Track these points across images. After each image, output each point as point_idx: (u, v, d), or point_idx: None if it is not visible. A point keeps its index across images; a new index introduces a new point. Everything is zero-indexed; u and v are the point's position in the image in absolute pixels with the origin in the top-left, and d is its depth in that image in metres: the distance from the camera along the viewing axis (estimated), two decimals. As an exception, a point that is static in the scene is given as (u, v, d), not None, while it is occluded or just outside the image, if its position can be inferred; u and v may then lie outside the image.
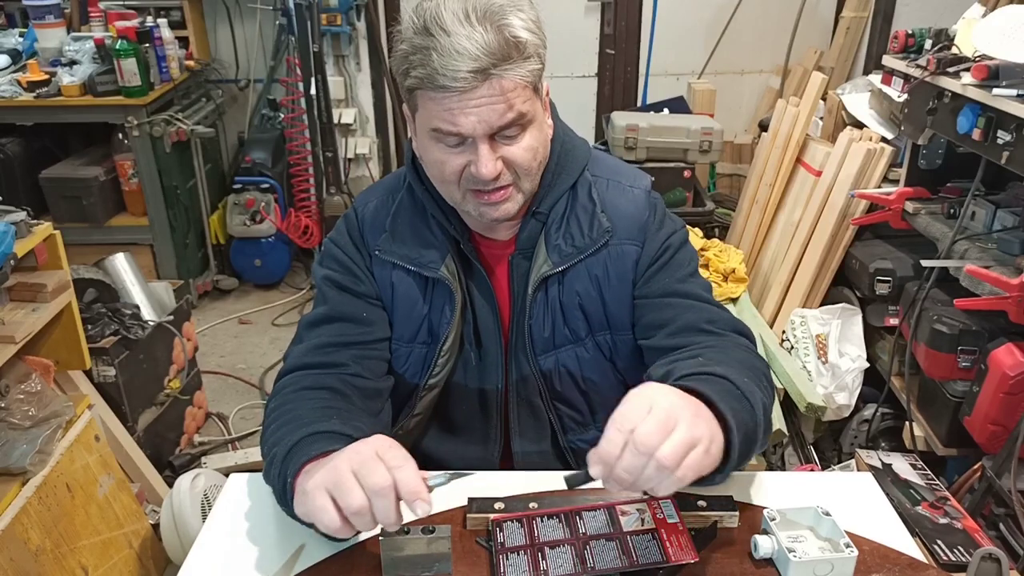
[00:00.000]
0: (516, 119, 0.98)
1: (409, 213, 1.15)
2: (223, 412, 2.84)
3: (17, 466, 1.64)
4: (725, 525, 0.98)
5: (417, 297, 1.15)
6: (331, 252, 1.19)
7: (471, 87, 0.93)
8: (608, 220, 1.13)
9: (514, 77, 0.95)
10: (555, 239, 1.12)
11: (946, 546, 1.68)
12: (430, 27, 0.93)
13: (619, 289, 1.14)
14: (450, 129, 0.97)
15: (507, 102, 0.96)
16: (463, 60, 0.92)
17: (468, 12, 0.93)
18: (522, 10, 0.96)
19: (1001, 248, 1.91)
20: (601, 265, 1.13)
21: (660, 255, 1.14)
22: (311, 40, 3.43)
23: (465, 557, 0.94)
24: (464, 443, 1.24)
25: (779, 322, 2.66)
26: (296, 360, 1.11)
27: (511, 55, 0.94)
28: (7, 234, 1.66)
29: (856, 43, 3.64)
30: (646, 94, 4.03)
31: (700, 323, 1.10)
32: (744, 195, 3.19)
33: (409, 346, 1.17)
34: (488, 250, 1.17)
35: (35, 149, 3.31)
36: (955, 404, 1.97)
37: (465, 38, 0.92)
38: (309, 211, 3.73)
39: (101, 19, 3.20)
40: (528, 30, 0.96)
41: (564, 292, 1.14)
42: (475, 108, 0.95)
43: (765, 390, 1.00)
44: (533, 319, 1.14)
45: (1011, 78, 1.74)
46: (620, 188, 1.16)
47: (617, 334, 1.17)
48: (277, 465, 0.94)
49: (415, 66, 0.95)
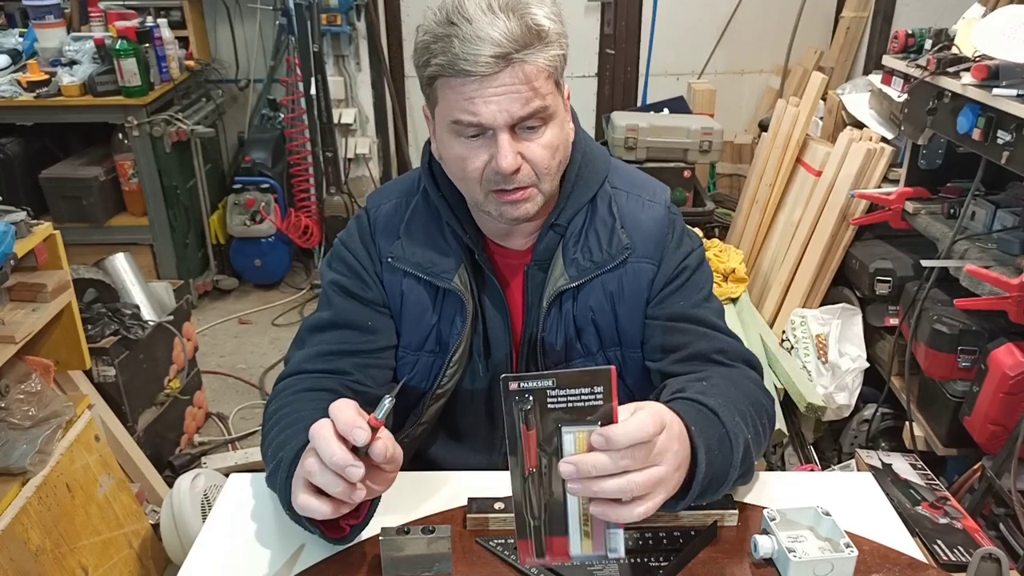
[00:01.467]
0: (538, 110, 0.96)
1: (423, 219, 1.13)
2: (223, 412, 2.84)
3: (17, 466, 1.64)
4: (725, 525, 0.98)
5: (427, 306, 1.13)
6: (340, 254, 1.17)
7: (492, 72, 0.92)
8: (627, 237, 1.11)
9: (537, 62, 0.94)
10: (573, 253, 1.10)
11: (946, 546, 1.68)
12: (452, 16, 0.93)
13: (633, 306, 1.13)
14: (470, 119, 0.95)
15: (530, 90, 0.95)
16: (485, 45, 0.91)
17: (491, 2, 0.93)
18: (543, 4, 0.96)
19: (1001, 248, 1.91)
20: (616, 281, 1.12)
21: (676, 275, 1.13)
22: (311, 40, 3.43)
23: (465, 557, 0.94)
24: (469, 450, 1.23)
25: (779, 322, 2.66)
26: (297, 365, 1.11)
27: (533, 42, 0.94)
28: (7, 234, 1.66)
29: (856, 43, 3.64)
30: (646, 94, 4.03)
31: (711, 352, 1.10)
32: (744, 195, 3.19)
33: (416, 354, 1.16)
34: (503, 260, 1.15)
35: (35, 149, 3.31)
36: (955, 404, 1.97)
37: (488, 25, 0.91)
38: (309, 211, 3.73)
39: (101, 19, 3.20)
40: (550, 19, 0.96)
41: (578, 306, 1.12)
42: (496, 96, 0.94)
43: (761, 427, 1.01)
44: (546, 332, 1.13)
45: (1011, 78, 1.74)
46: (640, 202, 1.15)
47: (628, 350, 1.16)
48: (284, 470, 0.92)
49: (436, 54, 0.94)
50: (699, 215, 3.03)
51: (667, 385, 1.05)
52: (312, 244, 3.74)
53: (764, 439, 1.03)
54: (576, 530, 0.81)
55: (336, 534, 0.92)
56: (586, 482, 0.77)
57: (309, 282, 3.76)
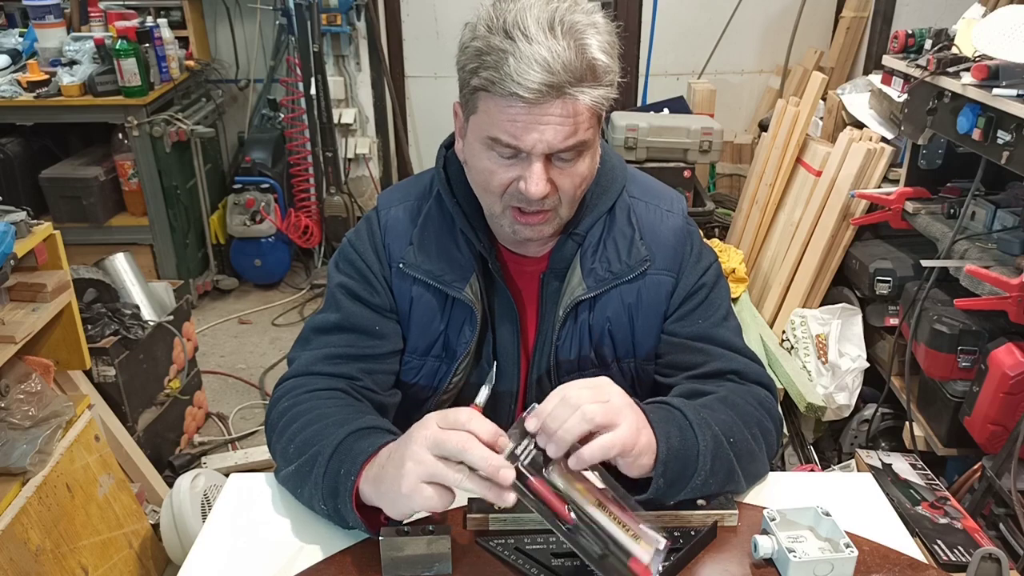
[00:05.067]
0: (577, 145, 0.95)
1: (436, 226, 1.12)
2: (223, 412, 2.84)
3: (17, 466, 1.64)
4: (725, 525, 0.98)
5: (436, 312, 1.12)
6: (349, 256, 1.15)
7: (541, 101, 0.90)
8: (647, 248, 1.11)
9: (587, 101, 0.92)
10: (591, 262, 1.09)
11: (946, 546, 1.68)
12: (511, 30, 0.90)
13: (650, 318, 1.13)
14: (509, 141, 0.94)
15: (574, 125, 0.93)
16: (539, 70, 0.88)
17: (554, 23, 0.90)
18: (599, 32, 0.94)
19: (1001, 248, 1.91)
20: (635, 293, 1.11)
21: (695, 291, 1.13)
22: (311, 40, 3.43)
23: (465, 557, 0.94)
24: None
25: (779, 322, 2.66)
26: (304, 366, 1.10)
27: (586, 76, 0.91)
28: (7, 234, 1.66)
29: (856, 43, 3.65)
30: (646, 94, 4.03)
31: (726, 372, 1.10)
32: (744, 195, 3.19)
33: (422, 359, 1.15)
34: (516, 266, 1.14)
35: (35, 149, 3.31)
36: (955, 404, 1.97)
37: (547, 49, 0.89)
38: (309, 211, 3.74)
39: (101, 19, 3.20)
40: (605, 52, 0.93)
41: (594, 316, 1.12)
42: (540, 126, 0.92)
43: (751, 435, 1.02)
44: (560, 342, 1.12)
45: (1011, 78, 1.74)
46: (659, 213, 1.14)
47: (641, 362, 1.16)
48: (322, 464, 0.94)
49: (487, 67, 0.91)
50: (699, 215, 3.02)
51: (673, 391, 1.08)
52: (312, 244, 3.74)
53: (759, 470, 1.05)
54: (629, 542, 0.85)
55: (376, 528, 0.92)
56: (555, 437, 0.84)
57: (309, 282, 3.76)
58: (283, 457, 1.02)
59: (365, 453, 0.92)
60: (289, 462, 1.00)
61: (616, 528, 0.85)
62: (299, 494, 1.00)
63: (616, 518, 0.86)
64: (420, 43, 3.95)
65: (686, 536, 0.95)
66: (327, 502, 0.94)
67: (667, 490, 0.94)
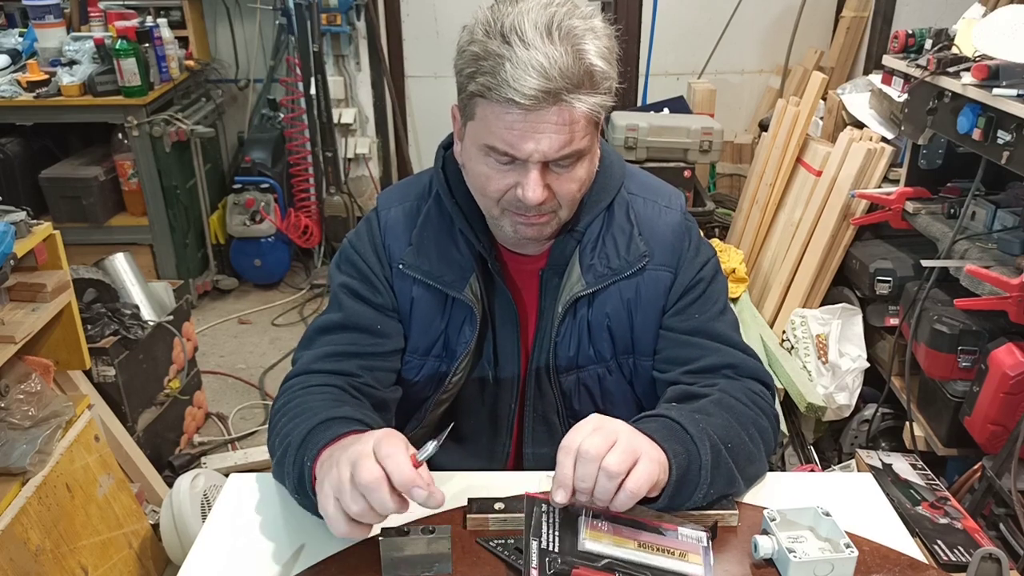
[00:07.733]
0: (574, 152, 0.95)
1: (436, 226, 1.12)
2: (223, 412, 2.84)
3: (17, 466, 1.64)
4: (725, 525, 0.98)
5: (436, 312, 1.13)
6: (350, 257, 1.15)
7: (538, 107, 0.90)
8: (645, 244, 1.11)
9: (583, 108, 0.92)
10: (590, 259, 1.10)
11: (946, 546, 1.68)
12: (508, 35, 0.89)
13: (648, 314, 1.13)
14: (506, 150, 0.94)
15: (571, 134, 0.93)
16: (536, 76, 0.88)
17: (552, 28, 0.89)
18: (598, 37, 0.93)
19: (1001, 248, 1.91)
20: (634, 288, 1.11)
21: (693, 286, 1.13)
22: (311, 40, 3.43)
23: (465, 557, 0.93)
24: (470, 455, 1.23)
25: (779, 322, 2.66)
26: (305, 365, 1.10)
27: (583, 83, 0.91)
28: (7, 234, 1.66)
29: (856, 43, 3.65)
30: (646, 94, 4.03)
31: (721, 367, 1.10)
32: (744, 195, 3.19)
33: (423, 359, 1.15)
34: (515, 265, 1.15)
35: (35, 149, 3.31)
36: (955, 404, 1.97)
37: (543, 55, 0.88)
38: (309, 211, 3.73)
39: (101, 19, 3.20)
40: (603, 57, 0.93)
41: (593, 312, 1.12)
42: (536, 133, 0.92)
43: (749, 436, 1.02)
44: (560, 338, 1.12)
45: (1011, 78, 1.73)
46: (657, 208, 1.14)
47: (640, 358, 1.16)
48: (292, 454, 0.94)
49: (484, 72, 0.91)
50: (699, 215, 3.02)
51: (667, 393, 1.07)
52: (312, 244, 3.74)
53: (757, 470, 1.05)
54: (682, 566, 0.87)
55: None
56: (585, 494, 0.84)
57: (309, 282, 3.76)
58: (271, 453, 1.03)
59: (324, 440, 0.91)
60: (273, 456, 1.01)
61: (664, 559, 0.87)
62: (286, 489, 1.00)
63: (660, 548, 0.87)
64: (420, 43, 3.96)
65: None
66: (299, 492, 0.95)
67: (668, 503, 0.93)
